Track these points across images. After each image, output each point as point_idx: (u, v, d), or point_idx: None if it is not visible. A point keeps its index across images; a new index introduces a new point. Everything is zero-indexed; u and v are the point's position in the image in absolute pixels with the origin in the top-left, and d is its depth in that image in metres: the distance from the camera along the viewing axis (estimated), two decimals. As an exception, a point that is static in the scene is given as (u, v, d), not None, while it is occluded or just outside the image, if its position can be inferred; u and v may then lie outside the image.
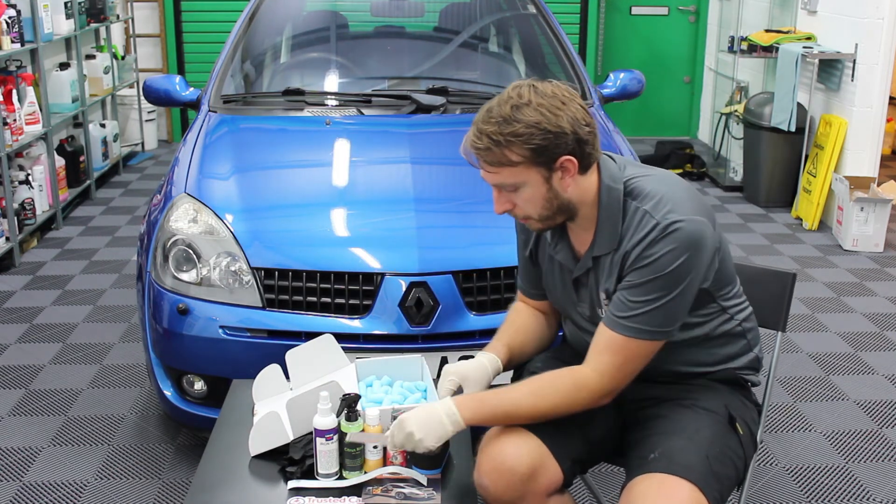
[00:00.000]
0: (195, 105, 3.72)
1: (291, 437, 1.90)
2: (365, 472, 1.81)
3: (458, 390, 1.90)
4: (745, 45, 6.14)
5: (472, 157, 1.75)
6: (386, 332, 2.54)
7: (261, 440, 1.90)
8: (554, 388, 1.79)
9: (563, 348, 2.10)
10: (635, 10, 7.75)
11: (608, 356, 1.78)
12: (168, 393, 2.77)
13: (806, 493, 2.83)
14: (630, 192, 1.79)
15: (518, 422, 1.80)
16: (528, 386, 1.81)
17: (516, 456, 1.77)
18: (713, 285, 1.84)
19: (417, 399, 1.96)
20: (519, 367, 2.08)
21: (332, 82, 3.98)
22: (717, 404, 1.89)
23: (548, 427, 1.82)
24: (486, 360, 1.94)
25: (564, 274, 1.93)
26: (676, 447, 1.77)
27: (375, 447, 1.83)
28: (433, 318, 2.54)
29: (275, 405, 2.00)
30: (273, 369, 2.09)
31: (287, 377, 2.10)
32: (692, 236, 1.72)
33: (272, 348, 2.52)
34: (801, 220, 5.57)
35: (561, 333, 2.17)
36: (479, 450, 1.81)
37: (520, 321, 2.07)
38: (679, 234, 1.71)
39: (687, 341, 1.88)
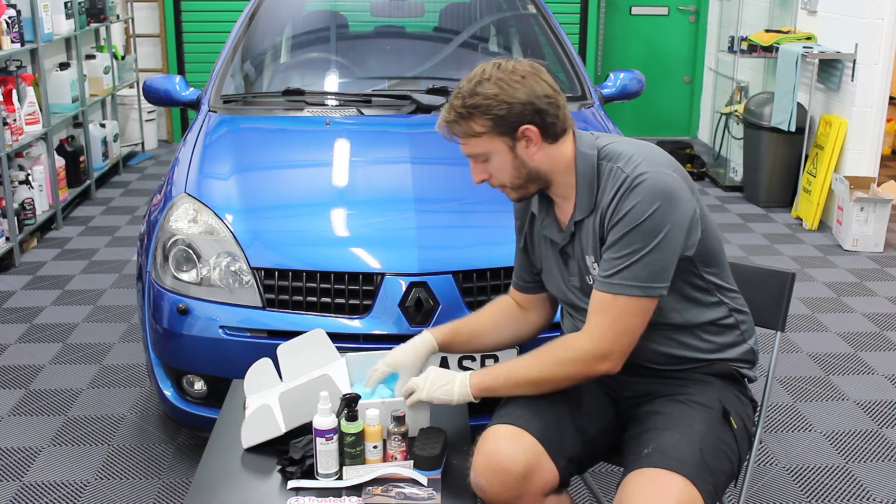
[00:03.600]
0: (195, 105, 3.72)
1: (283, 430, 1.92)
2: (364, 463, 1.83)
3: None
4: (745, 45, 6.14)
5: (444, 130, 1.87)
6: (386, 332, 2.54)
7: (253, 433, 1.92)
8: (549, 348, 1.87)
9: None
10: (635, 10, 7.75)
11: (597, 317, 1.82)
12: (168, 393, 2.77)
13: (806, 493, 2.83)
14: (605, 156, 1.87)
15: (523, 387, 1.87)
16: (531, 352, 1.90)
17: (511, 455, 1.77)
18: (699, 257, 1.86)
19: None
20: None
21: (332, 82, 3.98)
22: (711, 398, 1.90)
23: (543, 426, 1.83)
24: (420, 340, 2.03)
25: (554, 248, 1.97)
26: (670, 442, 1.78)
27: (375, 447, 1.84)
28: (433, 318, 2.54)
29: (266, 399, 2.01)
30: (264, 363, 2.11)
31: (278, 371, 2.11)
32: (659, 186, 1.76)
33: (272, 348, 2.50)
34: (801, 220, 5.57)
35: (559, 334, 2.17)
36: (475, 449, 1.82)
37: (485, 312, 2.14)
38: (646, 184, 1.77)
39: (678, 322, 1.90)
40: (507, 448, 1.78)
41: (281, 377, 2.12)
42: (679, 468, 1.72)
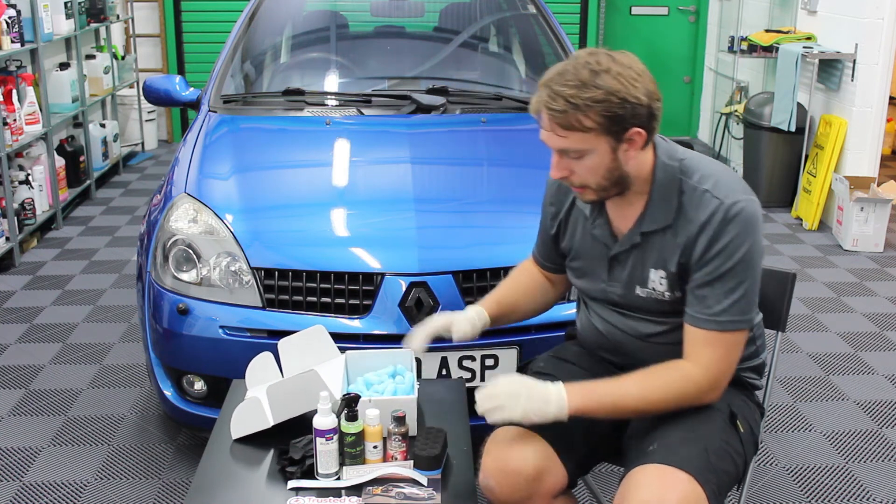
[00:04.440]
0: (195, 105, 3.72)
1: (271, 423, 1.95)
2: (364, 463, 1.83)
3: (439, 339, 1.98)
4: (745, 45, 6.14)
5: (542, 118, 1.73)
6: (386, 332, 2.54)
7: (242, 424, 1.96)
8: (662, 379, 1.78)
9: (567, 346, 2.10)
10: (635, 10, 7.75)
11: (708, 350, 1.77)
12: (168, 393, 2.77)
13: (806, 493, 2.83)
14: (685, 171, 1.80)
15: (623, 414, 1.81)
16: (635, 377, 1.79)
17: (522, 458, 1.77)
18: None
19: (408, 390, 1.97)
20: (521, 369, 2.08)
21: (332, 82, 3.98)
22: (720, 401, 1.88)
23: (553, 428, 1.81)
24: (474, 312, 1.99)
25: (601, 251, 1.90)
26: (676, 439, 1.77)
27: (376, 447, 1.84)
28: (433, 319, 2.53)
29: (261, 392, 2.03)
30: (265, 357, 2.12)
31: (279, 366, 2.13)
32: (752, 216, 1.74)
33: (272, 348, 2.51)
34: (801, 220, 5.57)
35: (561, 333, 2.16)
36: (485, 451, 1.81)
37: (520, 280, 2.10)
38: (743, 215, 1.73)
39: None
40: (517, 451, 1.78)
41: (282, 371, 2.13)
42: (684, 465, 1.71)
